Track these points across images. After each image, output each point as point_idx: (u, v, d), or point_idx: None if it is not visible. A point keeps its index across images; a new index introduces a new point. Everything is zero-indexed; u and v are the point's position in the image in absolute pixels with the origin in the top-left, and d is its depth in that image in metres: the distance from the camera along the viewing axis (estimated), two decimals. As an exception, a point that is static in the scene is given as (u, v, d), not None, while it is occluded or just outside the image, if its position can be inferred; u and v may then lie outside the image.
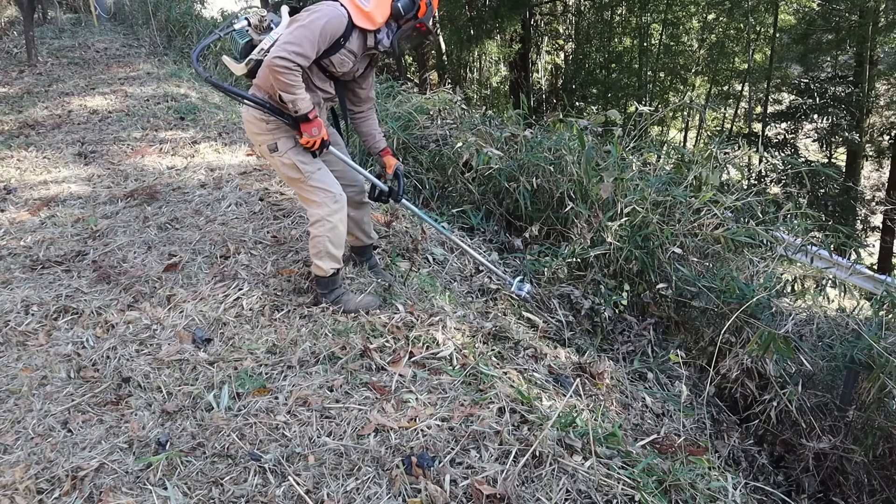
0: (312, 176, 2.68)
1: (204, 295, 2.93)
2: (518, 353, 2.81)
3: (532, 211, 4.40)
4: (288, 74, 2.41)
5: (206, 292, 2.95)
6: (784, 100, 15.89)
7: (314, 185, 2.68)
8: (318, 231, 2.72)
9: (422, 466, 1.89)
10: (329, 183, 2.72)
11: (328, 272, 2.79)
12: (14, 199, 4.33)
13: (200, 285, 3.03)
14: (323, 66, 2.62)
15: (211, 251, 3.36)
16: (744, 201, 3.98)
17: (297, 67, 2.43)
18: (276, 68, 2.40)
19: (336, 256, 2.77)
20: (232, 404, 2.23)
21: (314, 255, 2.77)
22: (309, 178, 2.67)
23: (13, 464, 1.99)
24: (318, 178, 2.70)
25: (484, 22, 14.31)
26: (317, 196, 2.69)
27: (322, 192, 2.69)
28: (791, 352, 3.09)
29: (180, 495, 1.84)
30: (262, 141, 2.67)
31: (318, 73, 2.64)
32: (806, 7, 14.43)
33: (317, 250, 2.74)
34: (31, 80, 7.86)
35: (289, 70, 2.41)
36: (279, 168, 2.72)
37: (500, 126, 5.18)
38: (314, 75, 2.63)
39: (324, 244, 2.72)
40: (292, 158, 2.65)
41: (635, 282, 3.76)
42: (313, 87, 2.65)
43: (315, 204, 2.71)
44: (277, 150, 2.65)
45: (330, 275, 2.81)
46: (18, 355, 2.59)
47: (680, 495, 1.98)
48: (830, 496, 3.15)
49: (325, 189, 2.70)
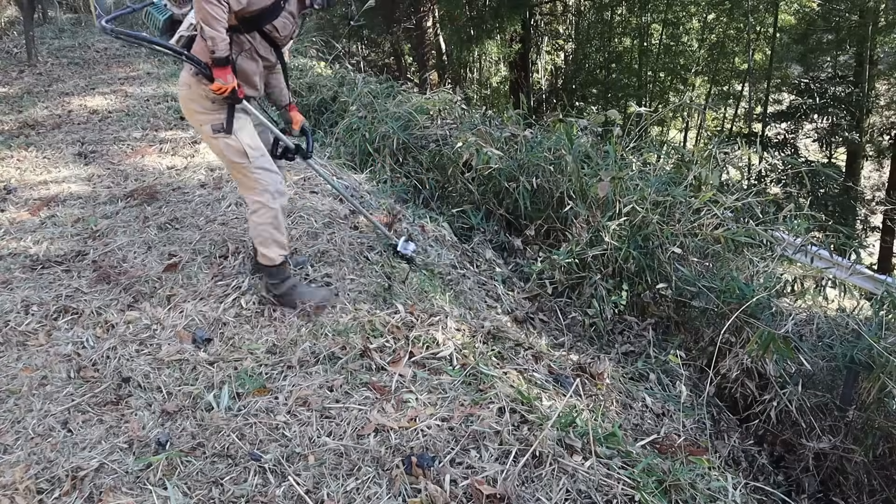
0: (258, 160, 2.61)
1: (204, 295, 2.93)
2: (518, 353, 2.81)
3: (532, 211, 4.40)
4: (215, 6, 2.29)
5: (206, 292, 2.95)
6: (784, 100, 15.89)
7: (258, 169, 2.61)
8: (260, 219, 2.66)
9: (422, 466, 1.89)
10: (273, 167, 2.67)
11: (277, 260, 2.73)
12: (14, 199, 4.33)
13: (200, 285, 3.03)
14: (266, 33, 2.57)
15: (211, 251, 3.36)
16: (744, 201, 3.98)
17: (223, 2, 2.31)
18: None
19: (282, 243, 2.72)
20: (232, 404, 2.23)
21: (259, 245, 2.70)
22: (254, 162, 2.60)
23: (13, 464, 1.99)
24: (263, 162, 2.64)
25: (484, 22, 14.32)
26: (260, 182, 2.62)
27: (266, 177, 2.63)
28: (791, 352, 3.09)
29: (180, 495, 1.84)
30: (206, 121, 2.56)
31: (261, 40, 2.59)
32: (806, 7, 14.42)
33: (262, 238, 2.68)
34: (31, 80, 7.86)
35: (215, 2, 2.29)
36: (222, 151, 2.59)
37: (500, 126, 5.18)
38: (257, 43, 2.57)
39: (268, 231, 2.67)
40: (241, 141, 2.57)
41: (635, 282, 3.76)
42: (256, 57, 2.60)
43: (256, 191, 2.64)
44: (223, 129, 2.54)
45: (279, 263, 2.74)
46: (18, 355, 2.59)
47: (680, 495, 1.98)
48: (830, 496, 3.15)
49: (270, 171, 2.65)
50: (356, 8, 10.90)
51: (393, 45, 16.52)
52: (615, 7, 16.47)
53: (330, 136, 5.46)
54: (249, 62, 2.59)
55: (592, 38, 17.23)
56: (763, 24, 15.11)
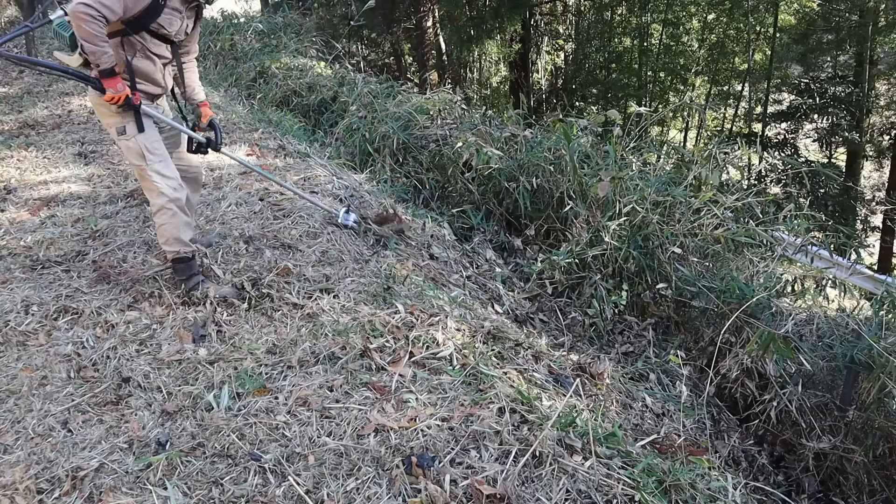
0: (155, 165, 2.78)
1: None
2: (518, 353, 2.81)
3: (532, 211, 4.40)
4: (91, 23, 2.40)
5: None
6: (784, 100, 15.87)
7: (155, 172, 2.78)
8: (161, 220, 2.85)
9: (422, 466, 1.88)
10: (170, 171, 2.83)
11: (182, 254, 2.91)
12: (14, 199, 4.33)
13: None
14: (153, 31, 2.68)
15: (212, 251, 3.35)
16: (744, 201, 3.98)
17: (100, 17, 2.42)
18: (79, 14, 2.39)
19: (183, 241, 2.89)
20: (232, 404, 2.23)
21: (164, 244, 2.90)
22: (151, 165, 2.77)
23: (13, 464, 1.99)
24: (160, 167, 2.80)
25: (484, 22, 14.31)
26: (157, 184, 2.79)
27: (162, 180, 2.79)
28: (791, 352, 3.10)
29: (180, 495, 1.84)
30: (112, 123, 2.73)
31: (152, 39, 2.70)
32: (806, 7, 14.42)
33: (165, 238, 2.88)
34: (31, 80, 7.86)
35: (92, 18, 2.40)
36: (125, 152, 2.79)
37: (500, 126, 5.18)
38: (148, 42, 2.70)
39: (170, 231, 2.85)
40: (139, 143, 2.73)
41: (635, 282, 3.76)
42: (151, 55, 2.73)
43: (155, 193, 2.81)
44: (125, 133, 2.72)
45: (185, 257, 2.92)
46: (18, 355, 2.59)
47: (680, 495, 1.98)
48: (830, 496, 3.15)
49: (166, 176, 2.81)
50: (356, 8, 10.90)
51: (393, 45, 16.51)
52: (615, 7, 16.46)
53: (330, 136, 5.46)
54: (145, 61, 2.74)
55: (592, 38, 17.22)
56: (763, 24, 15.10)
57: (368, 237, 3.58)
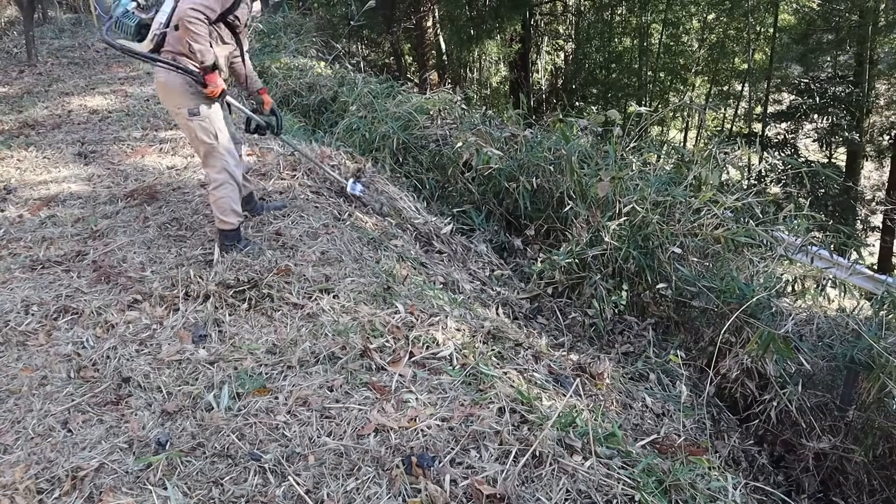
0: (224, 143, 3.09)
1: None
2: (518, 353, 2.81)
3: (532, 211, 4.40)
4: (199, 25, 2.79)
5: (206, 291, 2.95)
6: (784, 100, 15.87)
7: (223, 150, 3.10)
8: (222, 193, 3.13)
9: (422, 466, 1.88)
10: (233, 149, 3.16)
11: (236, 225, 3.21)
12: (14, 199, 4.33)
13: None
14: (229, 23, 3.01)
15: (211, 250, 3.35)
16: (744, 201, 3.98)
17: (206, 19, 2.80)
18: (189, 19, 2.76)
19: (238, 211, 3.22)
20: (232, 404, 2.23)
21: (221, 214, 3.16)
22: (221, 143, 3.07)
23: (13, 464, 1.99)
24: (228, 145, 3.13)
25: (484, 22, 14.32)
26: (222, 161, 3.10)
27: (228, 156, 3.12)
28: (791, 352, 3.09)
29: (180, 495, 1.84)
30: (184, 104, 3.00)
31: (225, 29, 3.04)
32: (806, 7, 14.42)
33: (222, 209, 3.15)
34: (31, 80, 7.86)
35: (200, 21, 2.78)
36: (195, 131, 3.04)
37: (500, 126, 5.19)
38: (223, 32, 3.02)
39: (228, 203, 3.15)
40: (213, 124, 3.04)
41: (635, 282, 3.76)
42: (222, 44, 3.04)
43: (218, 168, 3.11)
44: (199, 114, 3.01)
45: (236, 227, 3.21)
46: (18, 355, 2.59)
47: (680, 495, 1.98)
48: (830, 496, 3.15)
49: (231, 153, 3.13)
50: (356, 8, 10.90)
51: (393, 45, 16.50)
52: (615, 7, 16.47)
53: (330, 136, 5.46)
54: (217, 48, 3.02)
55: (592, 38, 17.22)
56: (763, 24, 15.11)
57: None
